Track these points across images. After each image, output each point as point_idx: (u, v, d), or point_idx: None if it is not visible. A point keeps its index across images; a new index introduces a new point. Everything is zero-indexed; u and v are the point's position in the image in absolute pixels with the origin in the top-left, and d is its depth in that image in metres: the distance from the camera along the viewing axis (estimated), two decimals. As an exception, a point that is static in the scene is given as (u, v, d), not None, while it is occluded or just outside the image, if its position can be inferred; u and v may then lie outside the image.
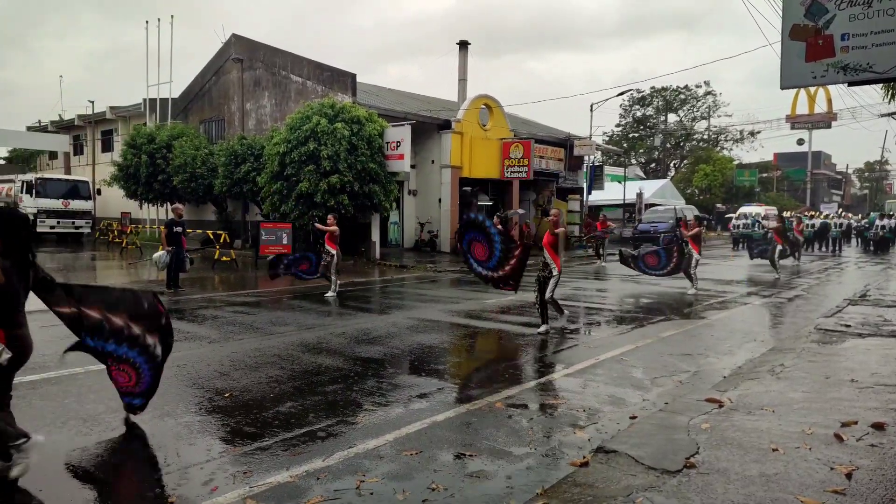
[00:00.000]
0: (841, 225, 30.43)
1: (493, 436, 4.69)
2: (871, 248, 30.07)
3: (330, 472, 3.99)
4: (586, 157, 29.36)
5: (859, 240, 33.23)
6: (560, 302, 9.16)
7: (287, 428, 4.80)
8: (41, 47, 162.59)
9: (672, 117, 57.14)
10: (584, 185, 29.25)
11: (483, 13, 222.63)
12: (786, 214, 31.19)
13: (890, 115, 15.54)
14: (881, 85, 10.04)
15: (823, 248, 29.78)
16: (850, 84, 6.83)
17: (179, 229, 12.70)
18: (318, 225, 13.65)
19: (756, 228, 30.21)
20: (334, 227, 12.17)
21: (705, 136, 57.11)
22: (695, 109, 56.13)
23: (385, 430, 4.76)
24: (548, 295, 8.50)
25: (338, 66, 21.79)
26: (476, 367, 6.96)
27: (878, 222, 30.14)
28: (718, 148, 55.71)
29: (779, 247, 17.20)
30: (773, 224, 18.93)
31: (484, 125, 24.50)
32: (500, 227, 10.07)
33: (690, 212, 29.48)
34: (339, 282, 12.37)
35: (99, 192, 31.05)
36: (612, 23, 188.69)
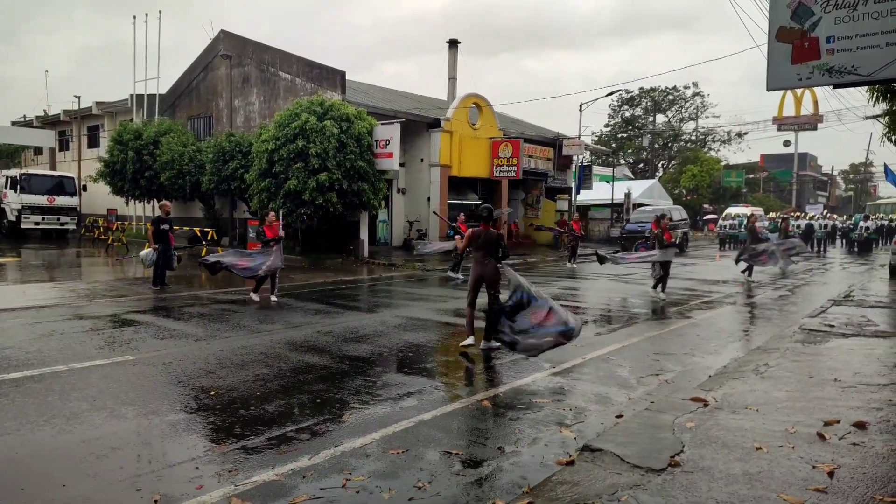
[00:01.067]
0: (826, 226, 30.74)
1: (480, 434, 4.69)
2: (856, 249, 30.43)
3: (316, 470, 3.98)
4: (575, 157, 29.48)
5: (844, 241, 33.59)
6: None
7: (273, 426, 4.78)
8: (32, 42, 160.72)
9: (660, 118, 57.45)
10: (573, 185, 29.35)
11: (480, 11, 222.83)
12: (772, 215, 31.43)
13: (874, 117, 15.68)
14: (866, 87, 10.13)
15: (808, 249, 30.08)
16: (836, 86, 6.90)
17: (166, 226, 12.60)
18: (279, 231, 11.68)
19: (742, 229, 30.48)
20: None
21: (693, 137, 57.45)
22: (683, 110, 56.46)
23: (371, 428, 4.75)
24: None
25: (330, 63, 21.73)
26: (463, 366, 6.96)
27: (862, 223, 30.53)
28: (706, 149, 56.06)
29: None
30: (750, 216, 18.99)
31: (473, 124, 24.51)
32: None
33: (678, 212, 29.66)
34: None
35: (85, 188, 30.71)
36: (608, 22, 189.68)
